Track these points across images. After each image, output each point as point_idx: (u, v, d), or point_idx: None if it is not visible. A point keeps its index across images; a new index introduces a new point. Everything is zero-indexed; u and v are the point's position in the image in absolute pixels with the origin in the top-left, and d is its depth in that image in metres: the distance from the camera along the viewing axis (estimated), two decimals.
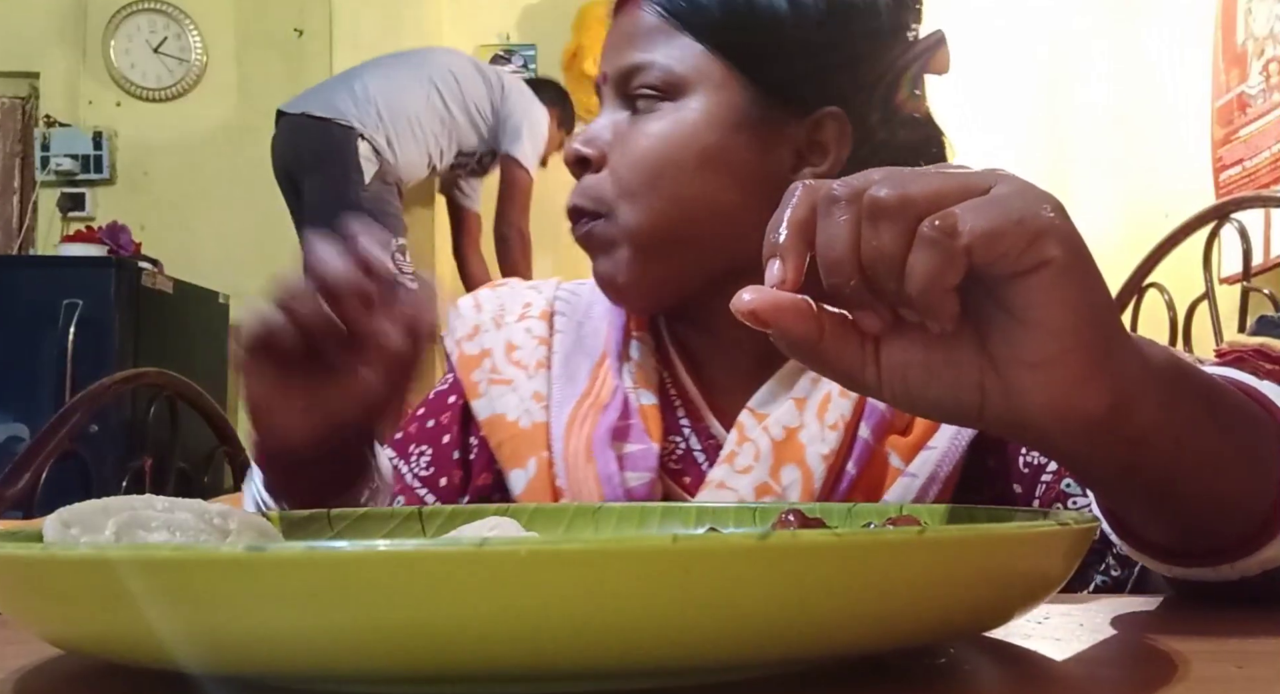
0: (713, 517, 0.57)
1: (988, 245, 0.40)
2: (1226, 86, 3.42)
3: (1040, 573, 0.37)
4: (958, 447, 0.73)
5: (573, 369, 0.81)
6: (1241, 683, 0.38)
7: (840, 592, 0.31)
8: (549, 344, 0.83)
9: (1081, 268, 0.41)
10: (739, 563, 0.30)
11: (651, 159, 0.75)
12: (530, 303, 0.86)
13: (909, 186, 0.41)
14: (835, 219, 0.42)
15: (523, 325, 0.84)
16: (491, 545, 0.28)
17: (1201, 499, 0.48)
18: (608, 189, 0.76)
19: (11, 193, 4.12)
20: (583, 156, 0.77)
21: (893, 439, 0.74)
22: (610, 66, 0.78)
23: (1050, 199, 0.42)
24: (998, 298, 0.42)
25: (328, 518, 0.54)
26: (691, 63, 0.75)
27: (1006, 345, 0.42)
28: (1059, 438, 0.44)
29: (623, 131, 0.76)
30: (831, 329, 0.44)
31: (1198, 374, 0.48)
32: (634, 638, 0.30)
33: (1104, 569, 0.70)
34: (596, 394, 0.78)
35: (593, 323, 0.84)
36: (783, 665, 0.35)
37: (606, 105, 0.79)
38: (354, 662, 0.30)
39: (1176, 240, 2.02)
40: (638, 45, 0.76)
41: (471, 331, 0.85)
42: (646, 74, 0.75)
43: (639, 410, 0.77)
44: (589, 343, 0.83)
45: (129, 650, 0.33)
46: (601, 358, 0.81)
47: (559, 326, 0.84)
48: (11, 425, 3.19)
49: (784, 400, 0.75)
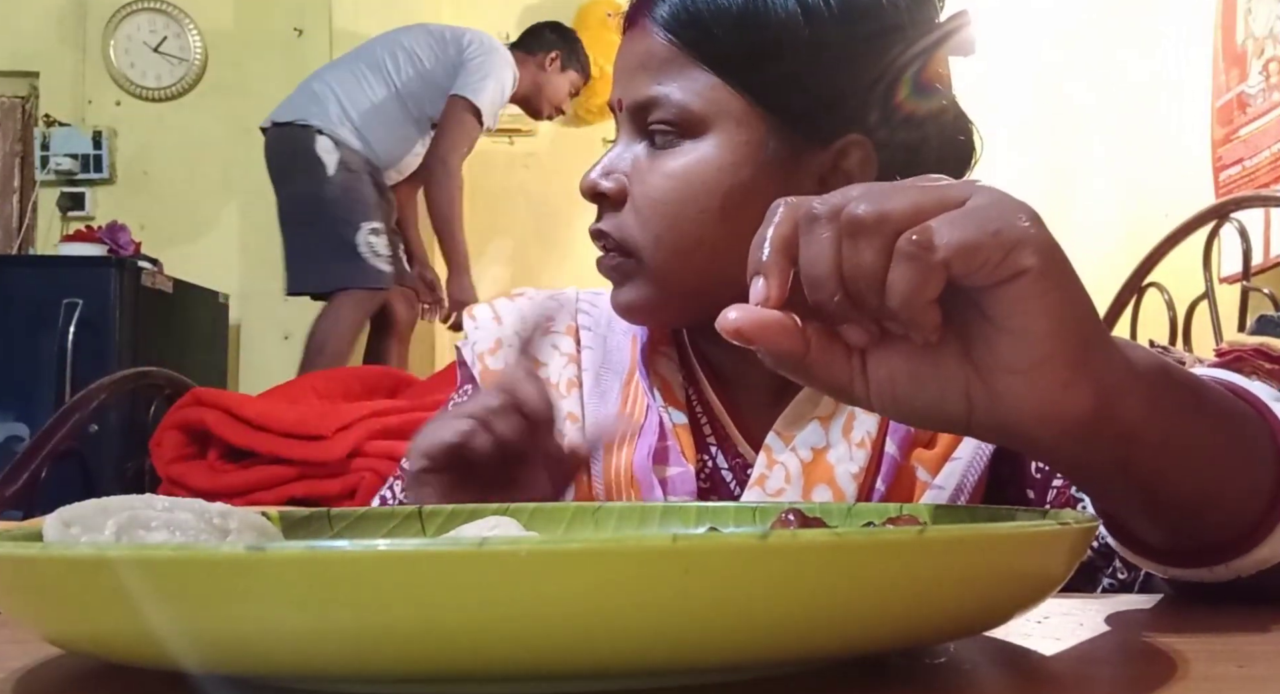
0: (713, 516, 0.57)
1: (965, 257, 0.40)
2: (1226, 86, 3.41)
3: (1040, 573, 0.37)
4: (982, 456, 0.74)
5: (604, 387, 0.81)
6: (1241, 683, 0.38)
7: (840, 592, 0.31)
8: (578, 361, 0.82)
9: (1058, 274, 0.42)
10: (739, 563, 0.30)
11: (675, 202, 0.73)
12: (552, 315, 0.86)
13: (886, 202, 0.42)
14: (816, 236, 0.43)
15: (548, 341, 0.83)
16: (491, 545, 0.28)
17: (1193, 497, 0.48)
18: (633, 229, 0.74)
19: (11, 192, 4.12)
20: (601, 192, 0.75)
21: (918, 453, 0.74)
22: (625, 95, 0.76)
23: (1026, 209, 0.42)
24: (979, 307, 0.42)
25: (328, 518, 0.54)
26: (709, 97, 0.72)
27: (990, 353, 0.43)
28: (1046, 440, 0.44)
29: (643, 166, 0.74)
30: (818, 343, 0.45)
31: (1182, 373, 0.48)
32: (634, 638, 0.30)
33: (1111, 572, 0.70)
34: (630, 414, 0.78)
35: (616, 337, 0.84)
36: (783, 665, 0.35)
37: (624, 133, 0.76)
38: (354, 662, 0.30)
39: (1176, 240, 2.02)
40: (653, 76, 0.74)
41: (494, 345, 0.84)
42: (663, 109, 0.73)
43: (673, 431, 0.77)
44: (615, 358, 0.82)
45: (129, 650, 0.33)
46: (630, 375, 0.80)
47: (585, 341, 0.84)
48: (11, 425, 3.19)
49: (810, 420, 0.75)
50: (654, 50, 0.74)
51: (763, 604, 0.30)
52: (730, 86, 0.72)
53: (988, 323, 0.42)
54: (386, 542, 0.29)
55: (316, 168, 3.09)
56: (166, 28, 4.02)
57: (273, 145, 3.18)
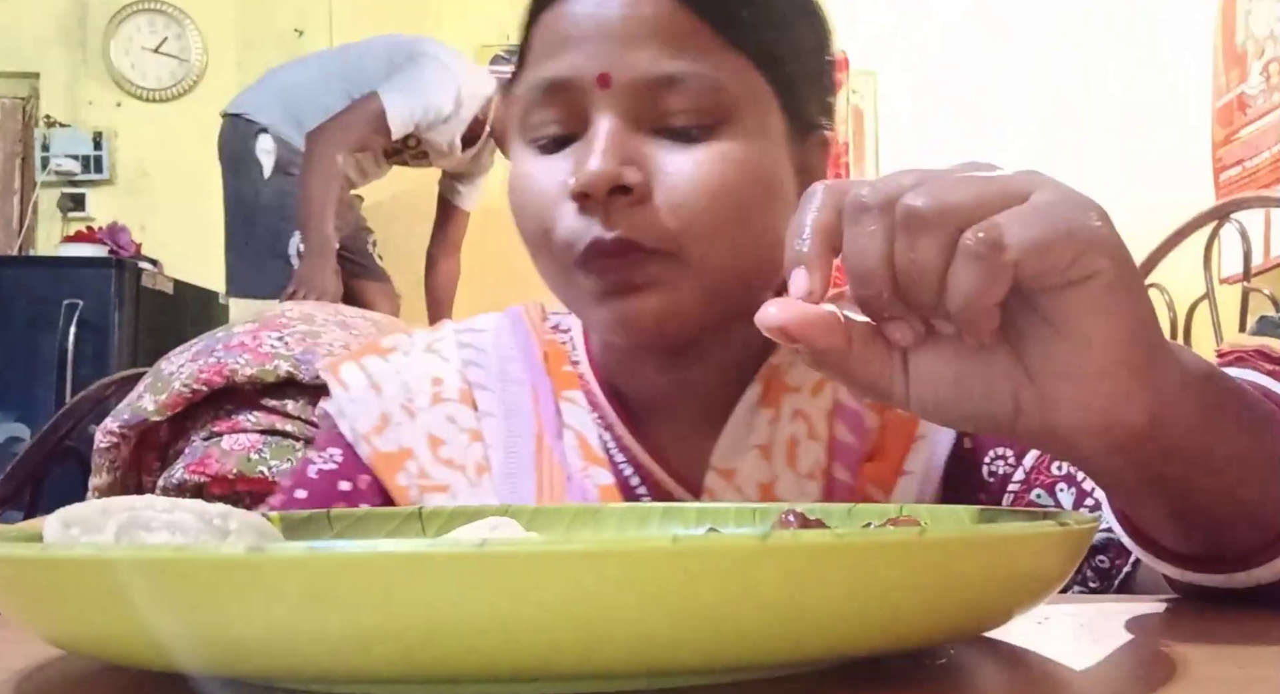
0: (713, 517, 0.57)
1: (1037, 259, 0.38)
2: (1226, 87, 3.41)
3: (1040, 573, 0.37)
4: (936, 469, 0.71)
5: (514, 465, 0.70)
6: (1242, 683, 0.38)
7: (840, 592, 0.31)
8: (482, 438, 0.72)
9: (1129, 280, 0.39)
10: (739, 563, 0.30)
11: (728, 191, 0.64)
12: (439, 377, 0.74)
13: (948, 195, 0.39)
14: (865, 228, 0.39)
15: (442, 411, 0.73)
16: (492, 546, 0.28)
17: (1224, 505, 0.47)
18: (668, 225, 0.64)
19: (12, 193, 4.12)
20: (626, 183, 0.63)
21: (868, 471, 0.70)
22: (624, 68, 0.64)
23: (1095, 206, 0.40)
24: (1038, 308, 0.40)
25: (327, 518, 0.54)
26: (743, 79, 0.65)
27: (1045, 358, 0.40)
28: (1091, 450, 0.42)
29: (665, 153, 0.64)
30: (859, 341, 0.42)
31: (1225, 380, 0.46)
32: (634, 638, 0.30)
33: (1081, 581, 0.68)
34: (549, 496, 0.69)
35: (514, 390, 0.73)
36: (783, 665, 0.35)
37: (613, 115, 0.64)
38: (354, 662, 0.30)
39: (1177, 241, 2.02)
40: (672, 49, 0.64)
41: (380, 423, 0.72)
42: (694, 90, 0.64)
43: (598, 498, 0.68)
44: (519, 419, 0.72)
45: (129, 651, 0.33)
46: (538, 443, 0.71)
47: (484, 407, 0.73)
48: (11, 425, 3.19)
49: (747, 451, 0.69)
50: (671, 20, 0.64)
51: (763, 605, 0.30)
52: (755, 67, 0.66)
53: (1045, 326, 0.40)
54: (387, 543, 0.29)
55: (253, 167, 3.06)
56: (166, 28, 4.02)
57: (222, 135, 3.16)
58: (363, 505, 0.71)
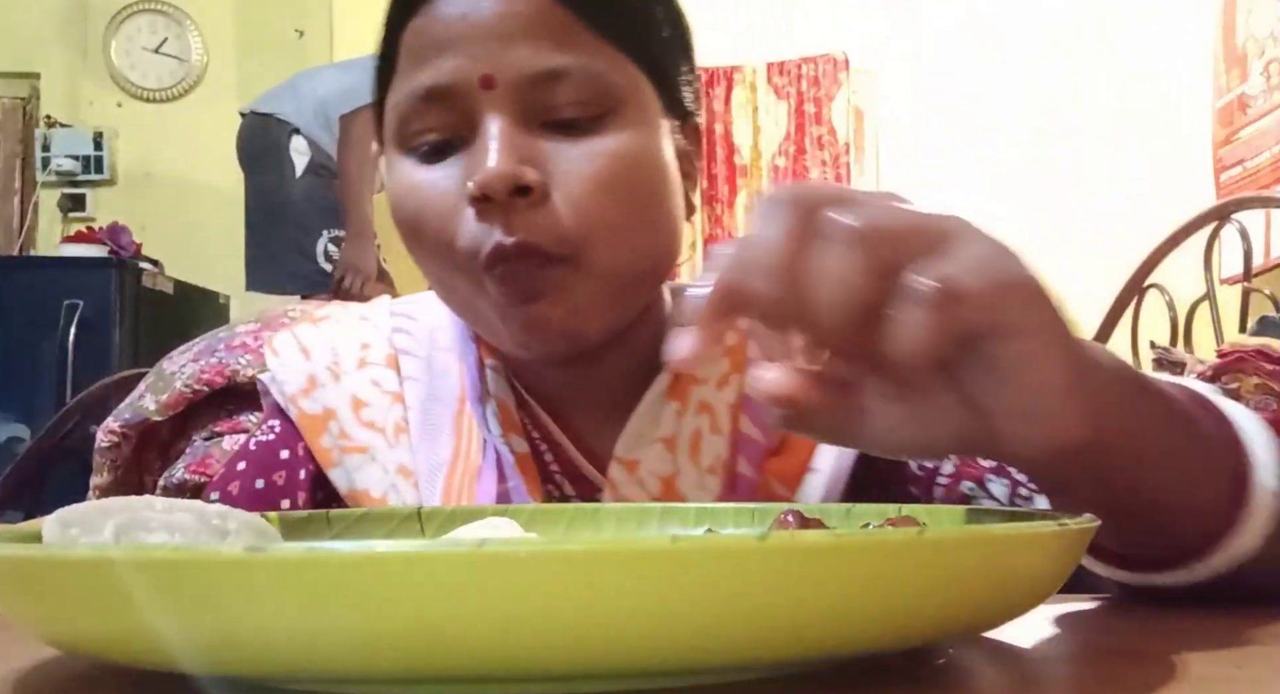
0: (712, 517, 0.57)
1: (985, 313, 0.38)
2: (1227, 87, 3.42)
3: (1040, 573, 0.37)
4: (845, 466, 0.70)
5: (433, 426, 0.71)
6: (1241, 683, 0.38)
7: (840, 592, 0.31)
8: (403, 400, 0.71)
9: (1064, 327, 0.40)
10: (739, 563, 0.30)
11: (625, 186, 0.64)
12: (367, 342, 0.74)
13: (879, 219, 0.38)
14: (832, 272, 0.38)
15: (366, 375, 0.72)
16: (491, 546, 0.28)
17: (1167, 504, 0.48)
18: (567, 225, 0.63)
19: (12, 193, 4.12)
20: (526, 184, 0.62)
21: (772, 466, 0.69)
22: (506, 67, 0.63)
23: (1019, 254, 0.39)
24: (978, 352, 0.39)
25: (327, 518, 0.54)
26: (623, 70, 0.65)
27: (988, 397, 0.40)
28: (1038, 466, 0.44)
29: (558, 150, 0.63)
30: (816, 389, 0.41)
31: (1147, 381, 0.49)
32: (633, 639, 0.30)
33: None
34: (466, 455, 0.69)
35: (441, 356, 0.73)
36: (782, 666, 0.35)
37: (501, 115, 0.63)
38: (353, 662, 0.30)
39: (1177, 241, 2.02)
40: (550, 45, 0.63)
41: (306, 385, 0.72)
42: (578, 84, 0.63)
43: (514, 465, 0.68)
44: (442, 385, 0.72)
45: (129, 651, 0.33)
46: (460, 405, 0.71)
47: (408, 371, 0.73)
48: (11, 425, 3.19)
49: (652, 443, 0.69)
50: (548, 16, 0.63)
51: (762, 605, 0.30)
52: (629, 60, 0.66)
53: (987, 369, 0.39)
54: (386, 543, 0.29)
55: (285, 166, 3.10)
56: (167, 29, 4.03)
57: (246, 133, 3.19)
58: (301, 471, 0.72)
